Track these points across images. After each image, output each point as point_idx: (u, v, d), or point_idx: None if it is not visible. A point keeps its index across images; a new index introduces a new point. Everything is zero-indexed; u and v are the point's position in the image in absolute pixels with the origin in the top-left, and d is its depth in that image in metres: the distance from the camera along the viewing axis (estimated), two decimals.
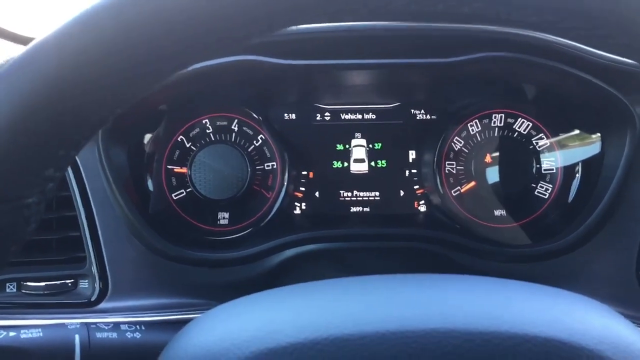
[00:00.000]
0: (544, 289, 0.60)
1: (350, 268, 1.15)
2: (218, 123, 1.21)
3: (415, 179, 1.24)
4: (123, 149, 1.14)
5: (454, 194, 1.23)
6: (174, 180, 1.20)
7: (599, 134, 1.16)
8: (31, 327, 0.81)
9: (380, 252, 1.18)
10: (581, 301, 0.59)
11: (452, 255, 1.15)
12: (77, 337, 0.78)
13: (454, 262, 1.14)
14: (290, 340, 0.52)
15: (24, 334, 0.78)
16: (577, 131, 1.20)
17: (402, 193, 1.24)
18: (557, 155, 1.21)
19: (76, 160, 1.09)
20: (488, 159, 1.20)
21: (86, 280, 1.10)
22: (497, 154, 1.20)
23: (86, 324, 0.81)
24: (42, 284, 1.10)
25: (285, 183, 1.21)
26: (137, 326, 0.85)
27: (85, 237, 1.09)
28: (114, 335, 0.81)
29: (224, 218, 1.21)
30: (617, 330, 0.54)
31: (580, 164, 1.20)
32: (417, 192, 1.24)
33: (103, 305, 1.09)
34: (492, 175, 1.20)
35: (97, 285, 1.09)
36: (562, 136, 1.21)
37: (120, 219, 1.09)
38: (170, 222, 1.19)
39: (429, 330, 0.51)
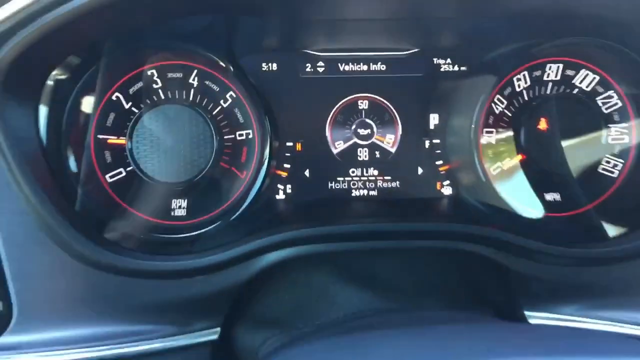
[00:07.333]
0: None
1: (357, 279, 0.96)
2: (170, 75, 1.01)
3: (439, 151, 1.07)
4: (27, 111, 0.90)
5: (493, 172, 1.04)
6: (108, 155, 0.99)
7: None
8: None
9: (396, 255, 1.00)
10: None
11: (491, 255, 0.96)
12: None
13: (494, 264, 0.96)
14: None
15: None
16: None
17: (420, 171, 1.08)
18: (631, 121, 1.03)
19: None
20: (542, 125, 1.02)
21: None
22: (551, 118, 1.02)
23: None
24: None
25: (266, 159, 1.04)
26: None
27: None
28: None
29: (180, 207, 1.01)
30: None
31: None
32: (441, 169, 1.08)
33: (4, 339, 0.86)
34: (546, 147, 1.02)
35: None
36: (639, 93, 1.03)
37: (28, 214, 0.86)
38: (103, 215, 0.99)
39: None
